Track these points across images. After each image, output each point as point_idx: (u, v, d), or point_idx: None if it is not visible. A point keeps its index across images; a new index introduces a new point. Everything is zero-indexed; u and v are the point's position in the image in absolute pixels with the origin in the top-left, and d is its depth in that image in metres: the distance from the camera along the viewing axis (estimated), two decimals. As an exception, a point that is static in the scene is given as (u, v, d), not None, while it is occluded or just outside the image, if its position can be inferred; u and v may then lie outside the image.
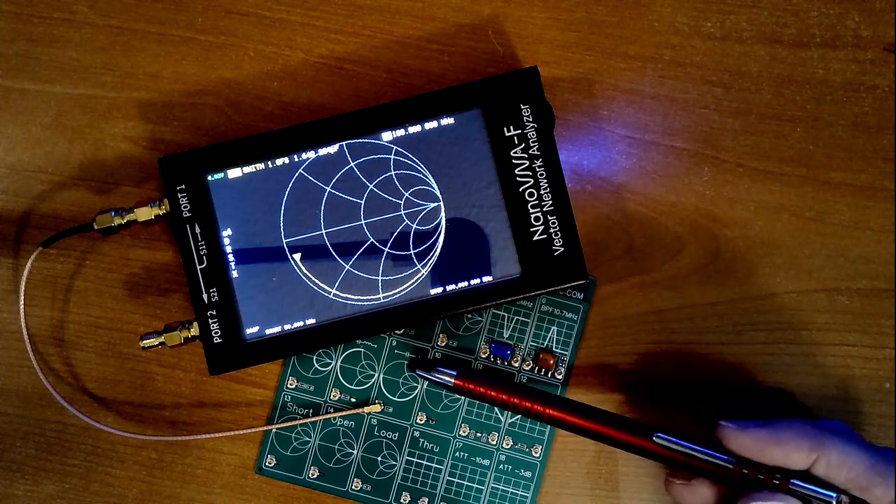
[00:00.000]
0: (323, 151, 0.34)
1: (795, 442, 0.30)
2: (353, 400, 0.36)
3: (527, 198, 0.33)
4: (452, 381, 0.33)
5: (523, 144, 0.33)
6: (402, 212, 0.34)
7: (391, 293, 0.34)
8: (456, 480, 0.36)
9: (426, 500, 0.35)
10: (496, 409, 0.36)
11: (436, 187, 0.34)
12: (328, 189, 0.34)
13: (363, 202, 0.34)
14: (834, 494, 0.29)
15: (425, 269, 0.34)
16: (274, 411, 0.36)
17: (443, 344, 0.36)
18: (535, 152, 0.33)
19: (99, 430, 0.35)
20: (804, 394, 0.36)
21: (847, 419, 0.35)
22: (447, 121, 0.34)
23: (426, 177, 0.34)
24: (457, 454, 0.36)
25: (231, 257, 0.34)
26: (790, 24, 0.36)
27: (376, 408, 0.35)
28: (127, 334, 0.36)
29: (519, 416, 0.34)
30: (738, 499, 0.30)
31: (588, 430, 0.32)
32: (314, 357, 0.36)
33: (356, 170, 0.34)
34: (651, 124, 0.36)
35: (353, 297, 0.34)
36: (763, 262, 0.36)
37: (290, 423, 0.35)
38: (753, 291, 0.36)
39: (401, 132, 0.34)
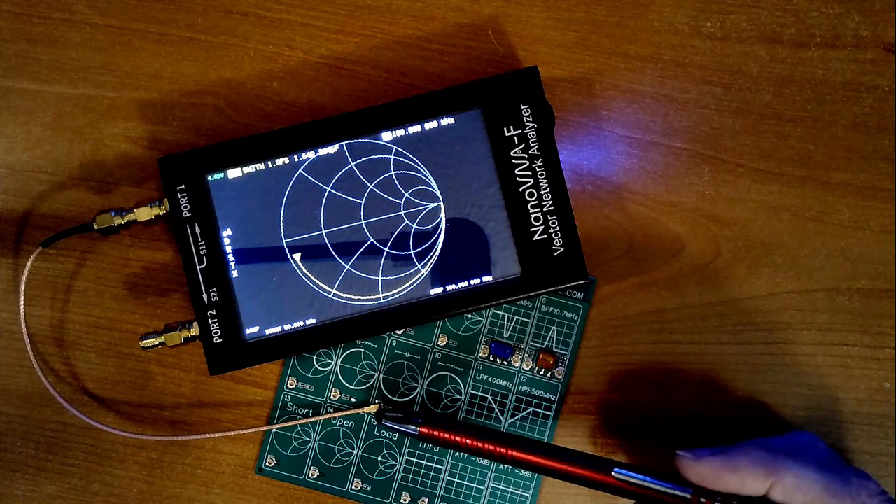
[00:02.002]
0: (323, 151, 0.34)
1: (750, 469, 0.30)
2: (353, 400, 0.36)
3: (527, 198, 0.33)
4: (417, 430, 0.33)
5: (523, 144, 0.33)
6: (402, 212, 0.34)
7: (391, 293, 0.34)
8: (456, 480, 0.36)
9: (426, 500, 0.35)
10: (496, 411, 0.36)
11: (436, 187, 0.34)
12: (328, 189, 0.34)
13: (363, 202, 0.34)
14: None
15: (425, 269, 0.34)
16: (274, 411, 0.36)
17: (443, 344, 0.36)
18: (535, 152, 0.33)
19: (99, 430, 0.35)
20: (804, 394, 0.36)
21: (847, 419, 0.35)
22: (447, 121, 0.34)
23: (426, 177, 0.34)
24: (457, 454, 0.36)
25: (231, 257, 0.34)
26: (790, 24, 0.36)
27: (376, 408, 0.35)
28: (127, 334, 0.36)
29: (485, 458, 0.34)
30: None
31: (548, 469, 0.32)
32: (314, 357, 0.36)
33: (356, 170, 0.34)
34: (651, 124, 0.36)
35: (353, 297, 0.34)
36: (763, 262, 0.36)
37: (290, 423, 0.35)
38: (753, 291, 0.36)
39: (401, 132, 0.34)
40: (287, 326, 0.34)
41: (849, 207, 0.36)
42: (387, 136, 0.34)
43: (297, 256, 0.34)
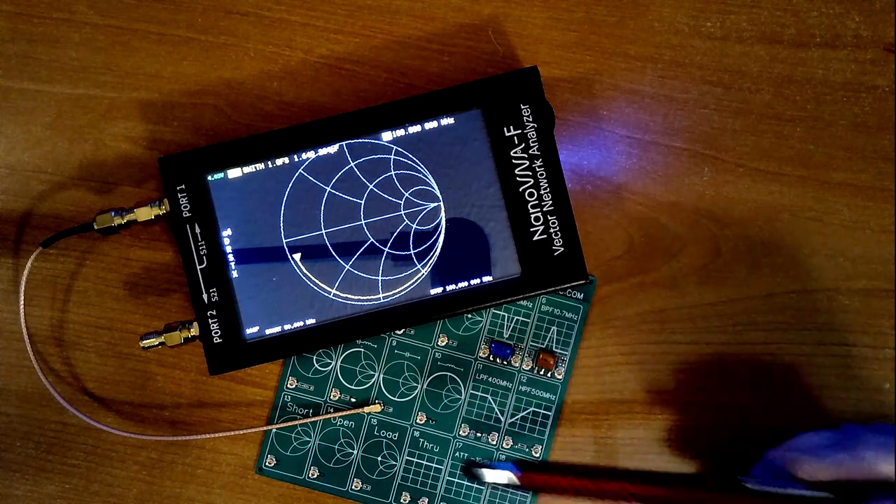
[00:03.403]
0: (323, 151, 0.34)
1: (874, 456, 0.29)
2: (353, 400, 0.36)
3: (527, 198, 0.33)
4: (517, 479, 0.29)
5: (523, 144, 0.33)
6: (402, 212, 0.34)
7: (391, 293, 0.34)
8: (456, 480, 0.36)
9: (426, 500, 0.35)
10: (496, 411, 0.36)
11: (436, 187, 0.34)
12: (328, 189, 0.34)
13: (363, 202, 0.34)
14: None
15: (425, 269, 0.34)
16: (274, 411, 0.36)
17: (443, 344, 0.36)
18: (535, 152, 0.33)
19: (99, 430, 0.35)
20: (804, 394, 0.36)
21: (847, 419, 0.35)
22: (447, 121, 0.34)
23: (426, 177, 0.34)
24: (457, 454, 0.36)
25: (231, 257, 0.34)
26: (790, 24, 0.36)
27: (376, 408, 0.35)
28: (127, 334, 0.36)
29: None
30: None
31: (671, 501, 0.28)
32: (314, 357, 0.36)
33: (356, 170, 0.34)
34: (651, 124, 0.36)
35: (353, 297, 0.34)
36: (763, 262, 0.36)
37: (290, 423, 0.35)
38: (753, 291, 0.36)
39: (401, 132, 0.34)
40: (287, 326, 0.34)
41: (849, 207, 0.36)
42: (387, 136, 0.34)
43: (297, 256, 0.34)
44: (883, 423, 0.31)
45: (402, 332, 0.36)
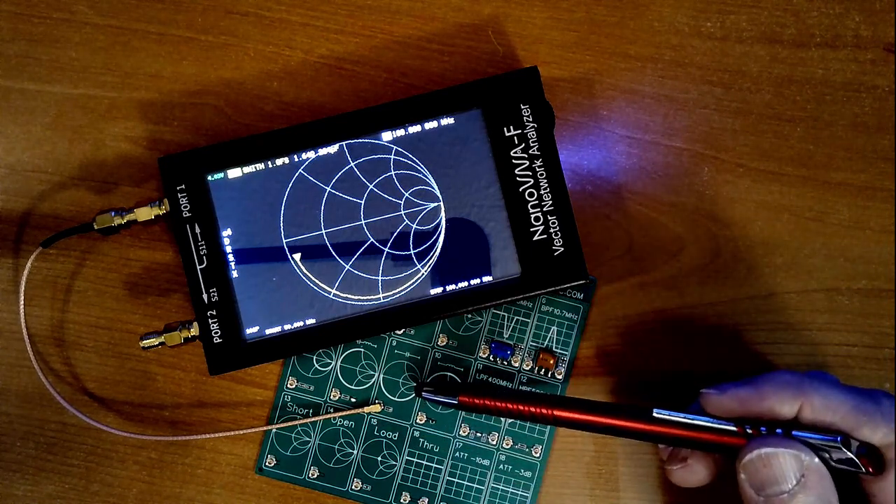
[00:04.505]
0: (323, 151, 0.34)
1: (778, 393, 0.29)
2: (353, 400, 0.36)
3: (527, 198, 0.33)
4: (457, 399, 0.33)
5: (523, 144, 0.33)
6: (402, 212, 0.34)
7: (391, 293, 0.34)
8: (456, 480, 0.36)
9: (426, 500, 0.35)
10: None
11: (436, 187, 0.34)
12: (328, 189, 0.34)
13: (363, 202, 0.34)
14: (839, 437, 0.29)
15: (425, 269, 0.34)
16: (274, 411, 0.36)
17: (443, 344, 0.36)
18: (535, 152, 0.33)
19: (99, 430, 0.35)
20: (804, 394, 0.36)
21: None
22: (447, 121, 0.34)
23: (426, 177, 0.34)
24: (457, 454, 0.36)
25: (231, 257, 0.34)
26: (790, 24, 0.36)
27: (376, 408, 0.35)
28: (127, 334, 0.36)
29: (526, 421, 0.34)
30: (740, 455, 0.30)
31: (589, 424, 0.31)
32: (314, 357, 0.36)
33: (356, 170, 0.34)
34: (651, 124, 0.36)
35: (353, 297, 0.34)
36: (763, 262, 0.36)
37: (290, 423, 0.35)
38: (753, 291, 0.36)
39: (401, 132, 0.34)
40: (287, 326, 0.34)
41: (849, 207, 0.36)
42: (387, 136, 0.34)
43: (297, 256, 0.34)
44: (825, 372, 0.31)
45: (402, 332, 0.36)
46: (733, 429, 0.30)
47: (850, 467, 0.29)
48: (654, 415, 0.31)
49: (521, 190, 0.33)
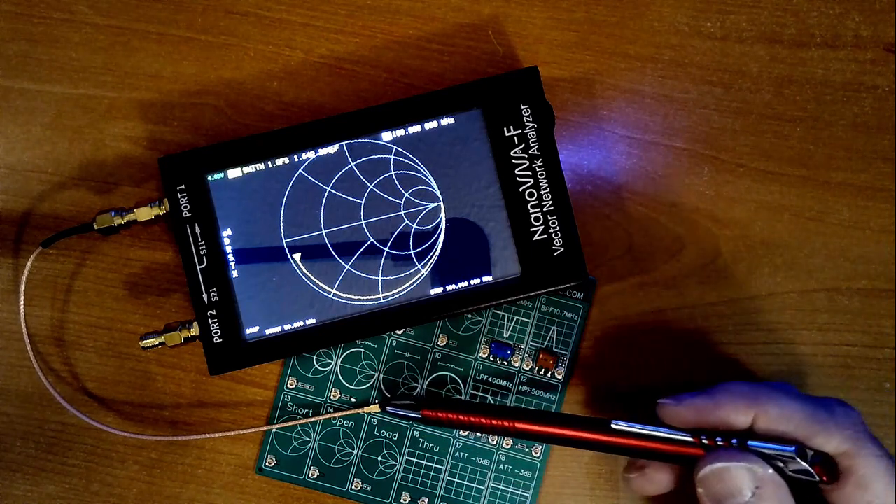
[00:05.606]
0: (323, 151, 0.34)
1: (733, 403, 0.30)
2: (353, 400, 0.36)
3: (527, 198, 0.33)
4: (420, 413, 0.33)
5: (523, 144, 0.33)
6: (402, 212, 0.34)
7: (391, 293, 0.34)
8: (456, 480, 0.36)
9: (426, 500, 0.35)
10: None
11: (436, 187, 0.34)
12: (328, 189, 0.34)
13: (363, 202, 0.34)
14: (793, 448, 0.29)
15: (425, 269, 0.34)
16: (274, 411, 0.36)
17: (443, 344, 0.36)
18: (535, 152, 0.33)
19: (99, 430, 0.35)
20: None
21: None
22: (447, 121, 0.34)
23: (426, 177, 0.34)
24: (457, 454, 0.36)
25: (231, 257, 0.34)
26: (790, 24, 0.36)
27: (376, 408, 0.35)
28: (127, 334, 0.36)
29: (488, 434, 0.34)
30: (696, 469, 0.30)
31: (548, 436, 0.32)
32: (314, 357, 0.36)
33: (356, 170, 0.34)
34: (651, 124, 0.36)
35: (353, 297, 0.34)
36: (763, 262, 0.36)
37: (290, 423, 0.35)
38: (753, 291, 0.36)
39: (401, 132, 0.34)
40: (287, 326, 0.34)
41: (849, 207, 0.36)
42: (387, 136, 0.34)
43: (297, 256, 0.34)
44: (786, 383, 0.32)
45: (402, 332, 0.36)
46: (689, 439, 0.30)
47: (806, 476, 0.29)
48: (613, 426, 0.31)
49: (521, 190, 0.33)
